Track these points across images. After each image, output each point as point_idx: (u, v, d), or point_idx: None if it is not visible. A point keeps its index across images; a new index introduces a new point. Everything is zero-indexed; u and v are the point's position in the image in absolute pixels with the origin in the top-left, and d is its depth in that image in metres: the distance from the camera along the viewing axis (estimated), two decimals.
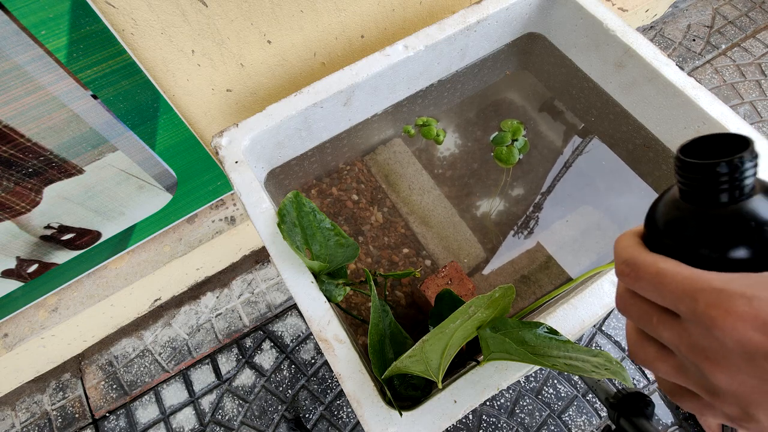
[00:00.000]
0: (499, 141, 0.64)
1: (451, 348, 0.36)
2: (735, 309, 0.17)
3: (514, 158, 0.62)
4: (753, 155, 0.19)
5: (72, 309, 0.78)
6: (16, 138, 0.51)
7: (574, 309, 0.44)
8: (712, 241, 0.19)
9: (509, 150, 0.63)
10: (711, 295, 0.18)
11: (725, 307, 0.17)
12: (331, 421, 0.86)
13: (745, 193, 0.19)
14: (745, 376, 0.17)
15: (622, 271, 0.21)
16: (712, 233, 0.19)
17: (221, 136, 0.54)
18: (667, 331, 0.20)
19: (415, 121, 0.66)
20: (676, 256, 0.20)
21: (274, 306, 0.97)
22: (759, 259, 0.19)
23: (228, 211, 0.85)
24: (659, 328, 0.20)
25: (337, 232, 0.48)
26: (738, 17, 1.27)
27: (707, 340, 0.18)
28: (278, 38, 0.61)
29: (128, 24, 0.49)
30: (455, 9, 0.75)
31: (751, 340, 0.17)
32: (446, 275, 0.52)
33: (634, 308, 0.21)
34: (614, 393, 0.61)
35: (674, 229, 0.21)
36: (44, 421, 0.88)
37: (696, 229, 0.20)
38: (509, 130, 0.64)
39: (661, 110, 0.58)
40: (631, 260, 0.21)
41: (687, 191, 0.20)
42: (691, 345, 0.19)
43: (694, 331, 0.19)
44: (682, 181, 0.20)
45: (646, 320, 0.21)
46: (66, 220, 0.64)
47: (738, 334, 0.17)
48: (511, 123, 0.65)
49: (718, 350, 0.18)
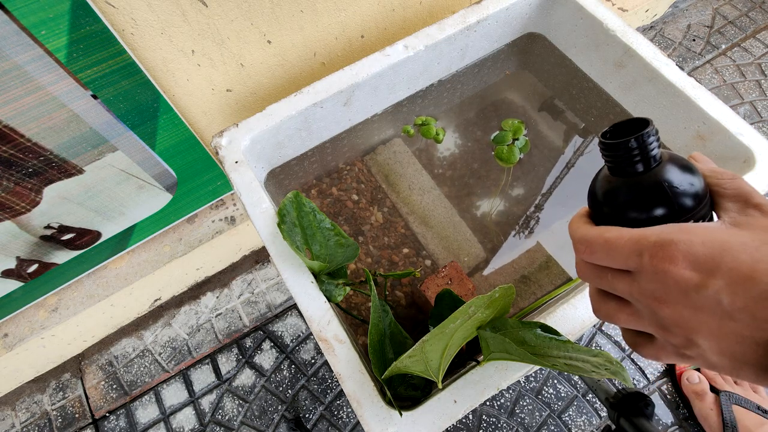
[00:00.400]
0: (500, 140, 0.64)
1: (451, 348, 0.36)
2: (670, 254, 0.21)
3: (514, 157, 0.62)
4: (654, 131, 0.24)
5: (72, 309, 0.78)
6: (16, 138, 0.51)
7: (574, 309, 0.44)
8: (639, 204, 0.24)
9: (510, 149, 0.63)
10: (651, 248, 0.22)
11: (662, 255, 0.21)
12: (331, 421, 0.86)
13: (654, 162, 0.24)
14: (683, 307, 0.21)
15: (579, 249, 0.26)
16: (638, 197, 0.24)
17: (221, 136, 0.54)
18: (620, 283, 0.24)
19: (414, 121, 0.66)
20: (616, 223, 0.25)
21: (274, 306, 0.97)
22: (677, 211, 0.24)
23: (228, 211, 0.85)
24: (614, 282, 0.24)
25: (337, 232, 0.48)
26: (738, 17, 1.27)
27: (653, 284, 0.22)
28: (278, 38, 0.61)
29: (128, 24, 0.49)
30: (455, 9, 0.75)
31: (685, 278, 0.21)
32: (446, 275, 0.52)
33: (592, 272, 0.26)
34: (614, 393, 0.61)
35: (609, 200, 0.26)
36: (44, 421, 0.88)
37: (625, 196, 0.25)
38: (510, 130, 0.64)
39: (661, 110, 0.58)
40: (583, 238, 0.25)
41: (612, 167, 0.26)
42: (641, 290, 0.23)
43: (644, 279, 0.22)
44: (607, 160, 0.26)
45: (603, 279, 0.25)
46: (66, 220, 0.64)
47: (675, 275, 0.21)
48: (512, 122, 0.65)
49: (662, 290, 0.22)
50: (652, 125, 0.24)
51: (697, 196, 0.24)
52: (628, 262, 0.23)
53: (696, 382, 0.80)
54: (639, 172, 0.25)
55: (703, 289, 0.20)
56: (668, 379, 0.86)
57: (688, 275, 0.21)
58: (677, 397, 0.84)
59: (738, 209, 0.23)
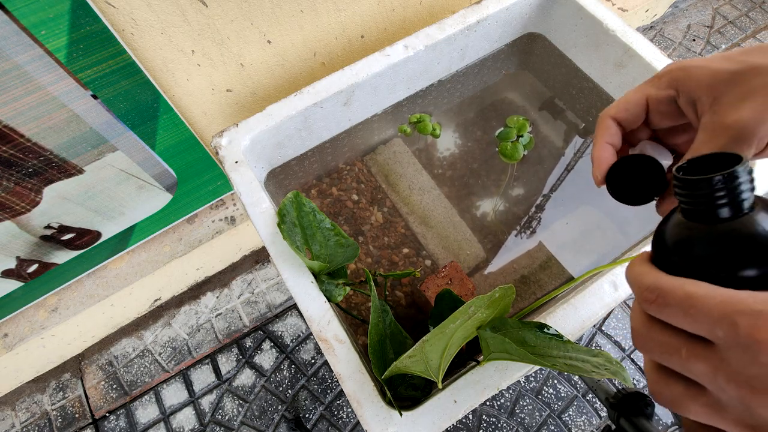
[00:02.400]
0: (504, 137, 0.64)
1: (451, 348, 0.36)
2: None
3: (518, 154, 0.62)
4: (746, 169, 0.19)
5: (72, 309, 0.78)
6: (16, 138, 0.51)
7: (574, 309, 0.44)
8: (720, 258, 0.19)
9: (514, 146, 0.63)
10: (753, 318, 0.16)
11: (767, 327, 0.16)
12: (331, 421, 0.86)
13: (745, 208, 0.19)
14: None
15: (647, 298, 0.19)
16: (719, 249, 0.19)
17: (221, 136, 0.54)
18: (700, 363, 0.18)
19: (409, 119, 0.66)
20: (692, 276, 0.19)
21: (274, 306, 0.97)
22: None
23: (228, 211, 0.85)
24: (690, 362, 0.18)
25: (337, 232, 0.48)
26: (738, 17, 1.27)
27: (752, 367, 0.16)
28: (278, 38, 0.61)
29: (128, 24, 0.49)
30: (455, 9, 0.75)
31: None
32: (446, 275, 0.52)
33: (657, 342, 0.19)
34: (614, 393, 0.61)
35: (684, 250, 0.20)
36: (44, 421, 0.88)
37: (703, 247, 0.20)
38: (515, 127, 0.64)
39: None
40: (655, 285, 0.19)
41: (690, 209, 0.20)
42: (732, 375, 0.17)
43: (735, 359, 0.17)
44: (684, 200, 0.21)
45: (673, 354, 0.19)
46: (66, 220, 0.64)
47: None
48: (517, 119, 0.65)
49: (765, 378, 0.16)
50: (745, 161, 0.19)
51: None
52: (715, 329, 0.17)
53: None
54: (724, 218, 0.20)
55: None
56: None
57: None
58: None
59: None
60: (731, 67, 0.23)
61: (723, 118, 0.23)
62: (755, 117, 0.22)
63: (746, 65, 0.23)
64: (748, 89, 0.22)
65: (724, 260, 0.19)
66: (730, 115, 0.23)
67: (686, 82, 0.25)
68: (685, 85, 0.25)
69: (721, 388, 0.17)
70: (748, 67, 0.23)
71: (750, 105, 0.22)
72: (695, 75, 0.25)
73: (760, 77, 0.22)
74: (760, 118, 0.22)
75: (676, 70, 0.26)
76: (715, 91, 0.24)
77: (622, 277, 0.45)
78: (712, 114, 0.24)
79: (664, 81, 0.26)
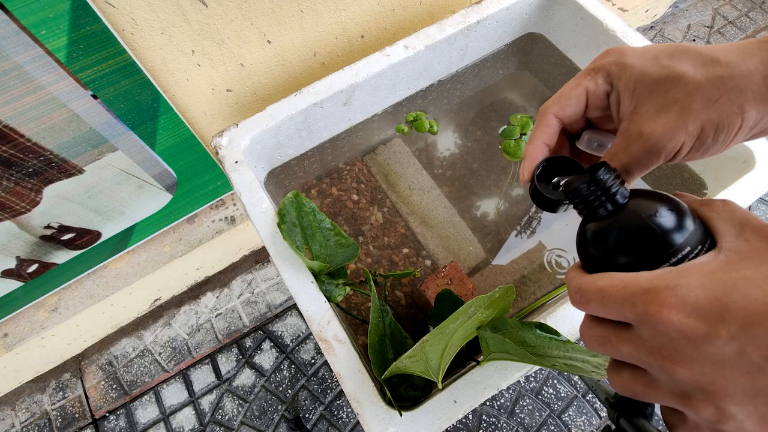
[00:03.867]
0: (508, 134, 0.64)
1: (451, 348, 0.36)
2: (665, 300, 0.18)
3: (521, 152, 0.62)
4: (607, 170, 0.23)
5: (72, 309, 0.78)
6: (16, 138, 0.51)
7: (574, 309, 0.44)
8: (621, 246, 0.22)
9: (517, 144, 0.63)
10: (643, 296, 0.19)
11: (656, 301, 0.18)
12: (331, 421, 0.86)
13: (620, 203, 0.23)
14: (700, 365, 0.18)
15: (574, 299, 0.22)
16: (617, 239, 0.22)
17: (221, 136, 0.54)
18: (626, 346, 0.20)
19: (405, 118, 0.66)
20: (604, 269, 0.22)
21: (274, 306, 0.97)
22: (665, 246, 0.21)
23: (228, 211, 0.85)
24: (620, 346, 0.20)
25: (337, 232, 0.48)
26: (738, 17, 1.27)
27: (657, 338, 0.19)
28: (278, 38, 0.61)
29: (128, 24, 0.49)
30: (455, 9, 0.75)
31: (689, 327, 0.17)
32: (446, 275, 0.52)
33: (595, 337, 0.22)
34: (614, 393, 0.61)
35: (589, 248, 0.24)
36: (44, 421, 0.88)
37: (606, 241, 0.23)
38: (518, 124, 0.64)
39: None
40: (577, 287, 0.22)
41: (583, 214, 0.24)
42: (648, 349, 0.19)
43: (646, 334, 0.19)
44: (578, 209, 0.24)
45: (607, 343, 0.21)
46: (66, 220, 0.64)
47: (675, 324, 0.18)
48: (521, 117, 0.65)
49: (668, 345, 0.18)
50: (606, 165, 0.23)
51: (683, 227, 0.21)
52: (623, 312, 0.20)
53: None
54: (610, 211, 0.23)
55: (714, 338, 0.17)
56: None
57: (693, 324, 0.17)
58: None
59: (735, 234, 0.21)
60: (656, 73, 0.24)
61: (639, 127, 0.24)
62: (665, 133, 0.23)
63: (670, 73, 0.24)
64: (665, 102, 0.24)
65: (614, 250, 0.22)
66: (645, 127, 0.24)
67: (618, 82, 0.26)
68: (616, 84, 0.26)
69: (647, 364, 0.20)
70: (671, 75, 0.24)
71: (663, 120, 0.23)
72: (626, 75, 0.25)
73: (678, 89, 0.23)
74: (669, 134, 0.23)
75: (611, 65, 0.26)
76: (637, 98, 0.25)
77: None
78: (630, 121, 0.25)
79: (601, 76, 0.27)
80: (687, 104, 0.23)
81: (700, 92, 0.23)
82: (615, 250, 0.22)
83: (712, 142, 0.23)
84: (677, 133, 0.23)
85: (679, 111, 0.23)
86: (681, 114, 0.23)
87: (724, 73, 0.22)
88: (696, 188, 0.57)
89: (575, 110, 0.28)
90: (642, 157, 0.24)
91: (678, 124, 0.23)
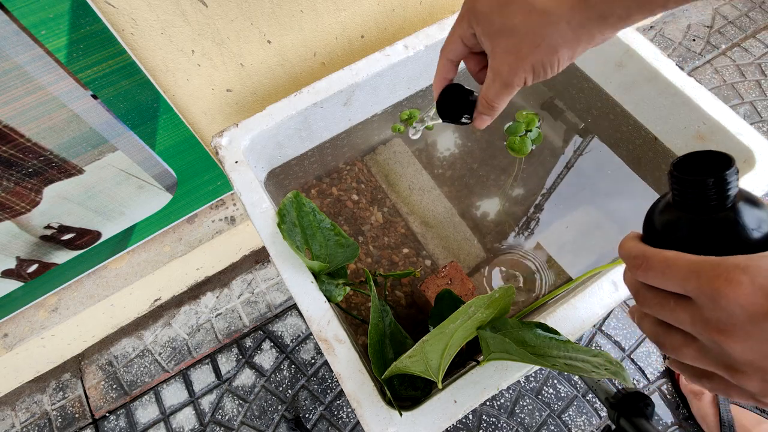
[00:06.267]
0: (513, 131, 0.64)
1: (451, 348, 0.36)
2: (733, 277, 0.19)
3: (526, 148, 0.63)
4: (734, 171, 0.22)
5: (72, 309, 0.78)
6: (16, 138, 0.51)
7: (574, 309, 0.44)
8: (703, 242, 0.22)
9: (522, 140, 0.63)
10: (711, 269, 0.20)
11: (724, 276, 0.19)
12: (331, 421, 0.86)
13: (728, 203, 0.23)
14: (755, 341, 0.18)
15: (635, 264, 0.23)
16: (704, 235, 0.23)
17: (221, 136, 0.54)
18: (683, 312, 0.21)
19: (400, 117, 0.66)
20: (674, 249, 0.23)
21: (274, 306, 0.97)
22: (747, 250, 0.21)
23: (228, 211, 0.85)
24: (677, 311, 0.22)
25: (337, 232, 0.48)
26: (738, 17, 1.27)
27: (716, 312, 0.19)
28: (278, 38, 0.61)
29: (128, 24, 0.49)
30: (455, 9, 0.75)
31: (753, 304, 0.18)
32: (446, 275, 0.52)
33: (652, 298, 0.23)
34: (614, 393, 0.61)
35: (670, 233, 0.24)
36: (44, 421, 0.88)
37: (690, 233, 0.23)
38: (524, 121, 0.64)
39: (661, 110, 0.58)
40: (641, 253, 0.23)
41: (680, 201, 0.24)
42: (705, 321, 0.20)
43: (705, 307, 0.20)
44: (676, 193, 0.24)
45: (665, 305, 0.22)
46: (66, 220, 0.64)
47: (740, 299, 0.18)
48: (526, 114, 0.65)
49: (727, 320, 0.19)
50: (734, 164, 0.23)
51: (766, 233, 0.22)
52: (685, 284, 0.21)
53: None
54: (709, 210, 0.23)
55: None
56: (668, 379, 0.86)
57: (758, 302, 0.18)
58: (677, 397, 0.84)
59: None
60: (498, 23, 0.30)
61: (496, 65, 0.32)
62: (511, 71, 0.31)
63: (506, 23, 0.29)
64: (507, 47, 0.30)
65: (704, 243, 0.22)
66: (499, 66, 0.31)
67: (477, 28, 0.32)
68: (476, 30, 0.32)
69: (700, 333, 0.21)
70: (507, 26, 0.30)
71: (508, 61, 0.30)
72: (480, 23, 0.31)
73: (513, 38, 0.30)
74: (514, 72, 0.31)
75: (468, 13, 0.32)
76: (491, 41, 0.31)
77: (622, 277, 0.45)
78: (491, 59, 0.32)
79: (465, 22, 0.33)
80: (520, 49, 0.30)
81: (527, 40, 0.29)
82: (699, 245, 0.22)
83: (543, 74, 0.31)
84: (518, 72, 0.30)
85: (516, 55, 0.30)
86: (518, 57, 0.30)
87: (542, 22, 0.28)
88: None
89: (460, 52, 0.35)
90: (501, 90, 0.32)
91: (518, 64, 0.30)
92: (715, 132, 0.53)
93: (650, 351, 0.89)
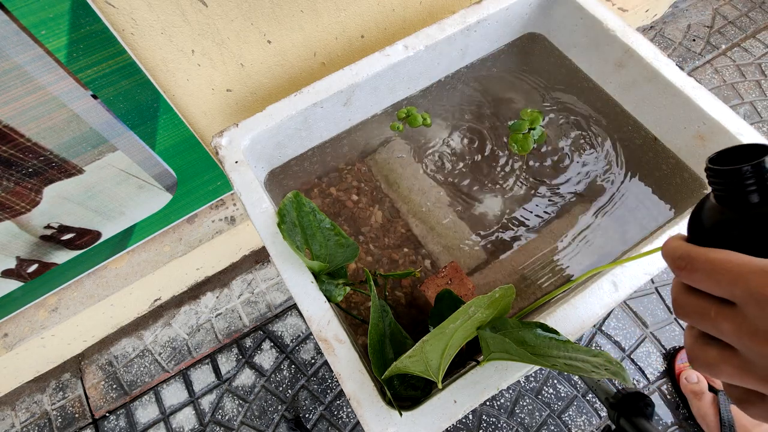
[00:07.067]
0: (517, 128, 0.64)
1: (451, 348, 0.36)
2: None
3: (529, 146, 0.63)
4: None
5: (72, 309, 0.78)
6: (16, 138, 0.51)
7: (574, 309, 0.44)
8: (751, 240, 0.20)
9: (525, 138, 0.63)
10: (760, 275, 0.18)
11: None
12: (331, 421, 0.86)
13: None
14: None
15: (679, 265, 0.22)
16: (751, 233, 0.21)
17: (221, 136, 0.54)
18: (726, 323, 0.19)
19: (397, 116, 0.66)
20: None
21: (274, 306, 0.97)
22: None
23: (228, 211, 0.85)
24: (719, 321, 0.20)
25: (337, 232, 0.48)
26: (738, 17, 1.27)
27: (764, 320, 0.18)
28: (278, 38, 0.61)
29: (128, 24, 0.49)
30: (455, 9, 0.75)
31: None
32: (446, 275, 0.52)
33: (692, 306, 0.21)
34: (614, 393, 0.61)
35: (715, 231, 0.22)
36: (44, 421, 0.88)
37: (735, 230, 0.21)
38: (528, 119, 0.64)
39: (661, 110, 0.58)
40: (685, 254, 0.22)
41: (722, 196, 0.22)
42: (752, 331, 0.18)
43: (753, 315, 0.18)
44: (716, 188, 0.22)
45: (705, 315, 0.20)
46: (66, 220, 0.64)
47: None
48: (531, 112, 0.65)
49: None
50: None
51: None
52: (733, 288, 0.19)
53: (694, 382, 0.80)
54: (754, 203, 0.21)
55: None
56: (668, 379, 0.86)
57: None
58: (677, 397, 0.84)
59: None
60: None
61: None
62: None
63: None
64: None
65: (753, 240, 0.20)
66: None
67: None
68: None
69: (745, 345, 0.19)
70: None
71: None
72: None
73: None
74: None
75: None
76: None
77: (622, 277, 0.45)
78: None
79: None
80: None
81: None
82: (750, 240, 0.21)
83: None
84: None
85: None
86: None
87: None
88: (696, 188, 0.57)
89: None
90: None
91: None
92: (715, 132, 0.53)
93: (650, 351, 0.89)
